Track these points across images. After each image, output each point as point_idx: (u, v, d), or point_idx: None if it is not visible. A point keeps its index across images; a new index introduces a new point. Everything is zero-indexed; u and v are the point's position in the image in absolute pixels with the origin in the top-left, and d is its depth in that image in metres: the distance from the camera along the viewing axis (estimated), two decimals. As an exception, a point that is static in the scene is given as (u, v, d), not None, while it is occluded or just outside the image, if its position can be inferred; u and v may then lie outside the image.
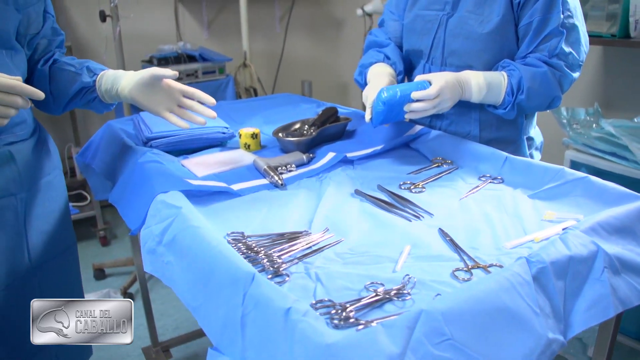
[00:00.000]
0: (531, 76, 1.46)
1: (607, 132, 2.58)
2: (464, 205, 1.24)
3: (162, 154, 1.47)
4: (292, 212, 1.20)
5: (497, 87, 1.47)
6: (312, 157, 1.52)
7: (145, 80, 1.34)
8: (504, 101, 1.49)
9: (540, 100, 1.50)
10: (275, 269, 0.95)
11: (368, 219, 1.17)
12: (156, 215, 1.12)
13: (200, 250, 0.96)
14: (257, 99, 2.23)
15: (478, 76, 1.46)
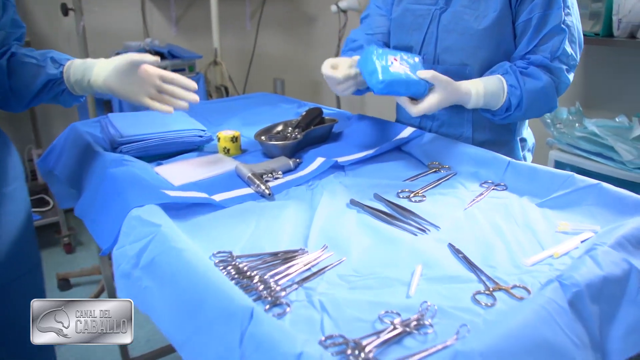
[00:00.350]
0: (532, 94, 1.37)
1: (590, 132, 2.52)
2: (470, 215, 1.14)
3: (134, 161, 1.32)
4: (284, 226, 1.07)
5: (495, 100, 1.38)
6: (299, 162, 1.40)
7: (122, 68, 1.23)
8: (498, 112, 1.40)
9: (537, 113, 1.45)
10: (273, 298, 0.82)
11: (369, 233, 1.06)
12: (130, 234, 0.98)
13: (186, 277, 0.83)
14: (233, 99, 2.10)
15: (478, 88, 1.36)
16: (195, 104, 1.92)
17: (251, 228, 1.07)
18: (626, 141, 2.41)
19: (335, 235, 1.04)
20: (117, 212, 1.05)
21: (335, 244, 1.01)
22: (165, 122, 1.56)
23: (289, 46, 4.15)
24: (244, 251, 0.98)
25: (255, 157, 1.48)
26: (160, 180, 1.26)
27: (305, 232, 1.05)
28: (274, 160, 1.38)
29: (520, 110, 1.37)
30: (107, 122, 1.53)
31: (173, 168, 1.37)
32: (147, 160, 1.43)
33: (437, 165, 1.40)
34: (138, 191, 1.09)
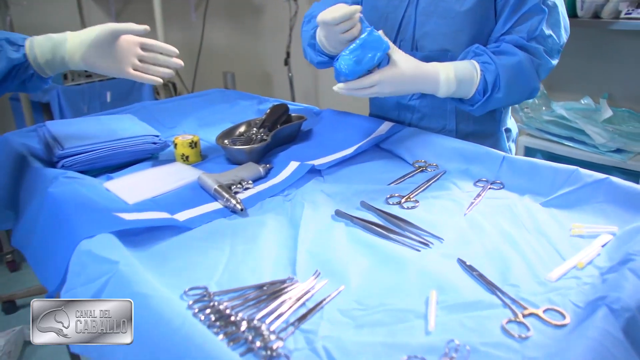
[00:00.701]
0: (508, 69, 1.23)
1: (558, 115, 2.45)
2: (473, 222, 1.00)
3: (78, 177, 1.14)
4: (265, 250, 0.91)
5: (468, 84, 1.24)
6: (270, 168, 1.24)
7: (101, 41, 1.13)
8: (474, 98, 1.26)
9: (519, 95, 1.30)
10: (267, 348, 0.66)
11: (365, 252, 0.91)
12: (81, 273, 0.80)
13: (157, 332, 0.66)
14: (186, 97, 1.91)
15: (448, 72, 1.22)
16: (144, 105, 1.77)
17: (226, 254, 0.90)
18: (597, 124, 2.34)
19: (326, 258, 0.88)
20: (63, 245, 0.87)
21: (329, 268, 0.85)
22: (112, 128, 1.37)
23: (237, 38, 3.95)
24: (222, 285, 0.82)
25: (218, 164, 1.31)
26: (112, 199, 1.08)
27: (291, 255, 0.89)
28: (241, 167, 1.21)
29: (500, 91, 1.23)
30: (45, 132, 1.33)
31: (125, 183, 1.19)
32: (93, 174, 1.24)
33: (423, 164, 1.26)
34: (86, 217, 0.91)
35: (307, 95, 3.86)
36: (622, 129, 2.33)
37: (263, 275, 0.84)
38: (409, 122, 1.47)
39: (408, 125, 1.45)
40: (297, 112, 1.54)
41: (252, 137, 1.37)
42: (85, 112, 2.83)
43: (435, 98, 1.37)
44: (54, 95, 2.80)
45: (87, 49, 1.12)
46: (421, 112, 1.44)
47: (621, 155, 2.21)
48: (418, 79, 1.18)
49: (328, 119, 1.51)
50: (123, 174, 1.25)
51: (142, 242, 0.92)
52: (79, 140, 1.25)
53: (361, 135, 1.37)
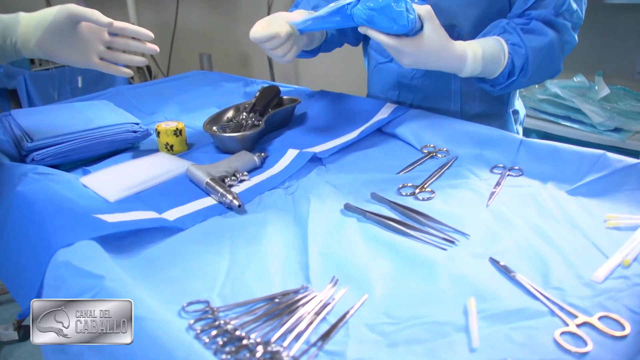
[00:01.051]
0: (538, 53, 1.13)
1: (553, 93, 2.36)
2: (498, 214, 0.90)
3: (51, 173, 1.00)
4: (271, 252, 0.80)
5: (494, 65, 1.13)
6: (265, 156, 1.12)
7: (59, 25, 0.96)
8: (496, 80, 1.16)
9: (542, 77, 1.20)
10: (288, 379, 0.55)
11: (384, 252, 0.80)
12: (60, 289, 0.68)
13: (156, 364, 0.54)
14: (165, 81, 1.77)
15: (475, 50, 1.10)
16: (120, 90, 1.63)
17: (226, 259, 0.79)
18: (593, 102, 2.26)
19: (342, 260, 0.77)
20: (36, 255, 0.75)
21: (347, 273, 0.75)
22: (87, 116, 1.24)
23: (213, 18, 3.78)
24: (225, 298, 0.70)
25: (207, 153, 1.19)
26: (90, 197, 0.95)
27: (302, 258, 0.78)
28: (233, 157, 1.09)
29: (526, 75, 1.14)
30: (11, 122, 1.19)
31: (104, 177, 1.06)
32: (68, 168, 1.11)
33: (432, 149, 1.16)
34: (62, 220, 0.79)
35: (287, 76, 3.72)
36: (619, 107, 2.26)
37: (272, 283, 0.72)
38: (410, 103, 1.36)
39: (409, 106, 1.34)
40: (288, 95, 1.42)
41: (242, 123, 1.24)
42: (56, 99, 2.67)
43: (439, 77, 1.27)
44: (21, 81, 2.64)
45: (43, 34, 0.96)
46: (424, 92, 1.33)
47: (619, 134, 2.14)
48: (442, 58, 1.06)
49: (323, 101, 1.39)
50: (101, 167, 1.12)
51: (128, 248, 0.80)
52: (50, 130, 1.12)
53: (361, 118, 1.26)
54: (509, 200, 0.95)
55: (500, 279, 0.74)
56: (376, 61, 1.40)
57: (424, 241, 0.82)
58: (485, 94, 1.31)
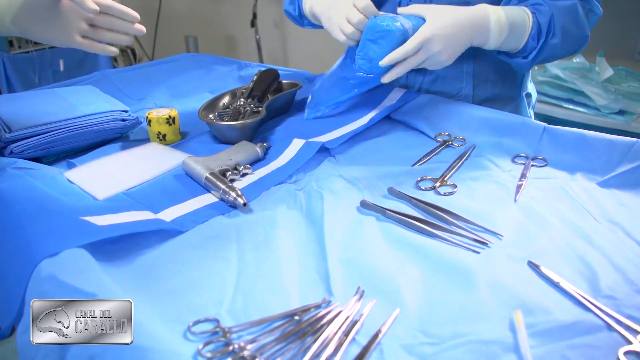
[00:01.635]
0: (563, 12, 1.05)
1: (553, 75, 2.28)
2: (528, 209, 0.82)
3: (32, 167, 0.91)
4: (284, 258, 0.71)
5: (520, 28, 1.04)
6: (268, 146, 1.03)
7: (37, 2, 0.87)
8: (526, 47, 1.07)
9: (572, 43, 1.10)
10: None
11: (412, 256, 0.71)
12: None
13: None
14: (153, 64, 1.66)
15: (498, 12, 1.02)
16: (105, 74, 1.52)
17: (234, 267, 0.70)
18: (596, 84, 2.19)
19: (366, 267, 0.69)
20: (17, 266, 0.65)
21: (372, 282, 0.66)
22: (71, 102, 1.13)
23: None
24: (236, 314, 0.61)
25: (203, 143, 1.09)
26: (77, 195, 0.85)
27: (320, 265, 0.69)
28: (234, 148, 1.00)
29: (554, 37, 1.05)
30: (-13, 110, 1.08)
31: (91, 171, 0.96)
32: (50, 160, 1.01)
33: (447, 137, 1.07)
34: (46, 225, 0.69)
35: (275, 59, 3.61)
36: (622, 89, 2.19)
37: (289, 296, 0.64)
38: (419, 87, 1.27)
39: (418, 90, 1.25)
40: (286, 79, 1.32)
41: (240, 110, 1.15)
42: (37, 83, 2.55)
43: None
44: (-1, 64, 2.51)
45: (19, 10, 0.87)
46: (434, 73, 1.24)
47: (624, 117, 2.07)
48: (466, 24, 0.99)
49: (325, 86, 1.30)
50: (87, 159, 1.02)
51: (121, 254, 0.71)
52: (31, 119, 1.01)
53: (368, 103, 1.17)
54: (537, 194, 0.87)
55: (545, 287, 0.66)
56: None
57: (453, 243, 0.73)
58: (498, 75, 1.22)
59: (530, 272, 0.68)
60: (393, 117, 1.16)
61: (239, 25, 3.58)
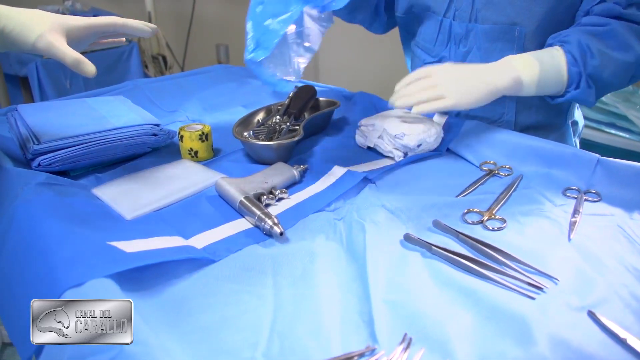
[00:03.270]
0: (597, 36, 0.99)
1: (594, 98, 2.21)
2: (583, 250, 0.76)
3: (59, 184, 0.87)
4: (324, 297, 0.66)
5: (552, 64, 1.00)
6: (305, 169, 0.98)
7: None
8: (572, 78, 1.00)
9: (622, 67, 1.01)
10: None
11: (462, 300, 0.66)
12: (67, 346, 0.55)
13: None
14: (185, 75, 1.63)
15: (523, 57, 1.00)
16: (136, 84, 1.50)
17: (270, 304, 0.65)
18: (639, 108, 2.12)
19: (413, 312, 0.63)
20: (39, 294, 0.61)
21: (419, 329, 0.61)
22: (101, 114, 1.10)
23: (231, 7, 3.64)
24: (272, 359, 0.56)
25: (236, 162, 1.05)
26: (104, 215, 0.82)
27: (363, 307, 0.64)
28: (269, 170, 0.95)
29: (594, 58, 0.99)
30: (17, 119, 1.06)
31: (120, 188, 0.92)
32: (78, 174, 0.98)
33: (493, 166, 1.02)
34: (71, 251, 0.65)
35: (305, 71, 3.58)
36: (668, 115, 2.11)
37: (329, 340, 0.59)
38: (458, 112, 1.21)
39: (457, 115, 1.20)
40: (322, 95, 1.28)
41: (276, 128, 1.11)
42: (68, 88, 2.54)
43: None
44: (32, 68, 2.51)
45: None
46: None
47: (669, 144, 1.99)
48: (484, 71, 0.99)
49: (363, 105, 1.26)
50: (116, 174, 0.98)
51: (149, 284, 0.67)
52: (60, 131, 0.98)
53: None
54: (593, 234, 0.81)
55: (610, 344, 0.60)
56: (422, 61, 1.26)
57: (507, 287, 0.68)
58: (543, 102, 1.16)
59: (591, 324, 0.63)
60: (436, 142, 1.11)
61: (270, 35, 3.56)
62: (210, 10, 3.51)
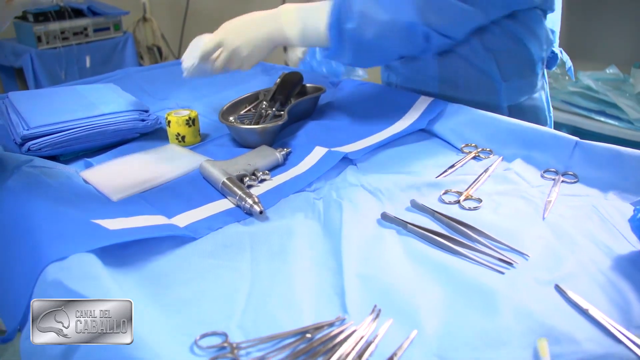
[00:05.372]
0: None
1: (585, 86, 2.23)
2: (556, 228, 0.78)
3: (47, 166, 0.89)
4: (299, 271, 0.68)
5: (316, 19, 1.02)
6: (288, 152, 1.00)
7: None
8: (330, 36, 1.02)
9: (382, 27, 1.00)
10: None
11: (433, 275, 0.68)
12: (49, 315, 0.57)
13: None
14: (177, 63, 1.63)
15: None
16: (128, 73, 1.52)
17: (246, 278, 0.67)
18: (630, 96, 2.13)
19: (384, 285, 0.65)
20: (24, 268, 0.64)
21: (389, 301, 0.63)
22: (90, 101, 1.12)
23: (226, -1, 3.66)
24: (246, 329, 0.59)
25: (222, 146, 1.08)
26: (91, 196, 0.84)
27: (336, 280, 0.67)
28: (253, 152, 0.97)
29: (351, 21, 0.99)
30: (8, 105, 1.08)
31: (108, 172, 0.94)
32: (68, 159, 1.00)
33: (474, 149, 1.04)
34: (56, 227, 0.67)
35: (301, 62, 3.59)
36: (657, 102, 2.13)
37: (301, 312, 0.61)
38: (395, 85, 1.27)
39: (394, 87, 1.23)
40: (310, 81, 1.30)
41: (262, 114, 1.13)
42: (63, 79, 2.56)
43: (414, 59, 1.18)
44: (27, 59, 2.53)
45: None
46: (404, 74, 1.23)
47: (659, 132, 2.01)
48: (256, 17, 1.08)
49: (349, 90, 1.28)
50: (105, 158, 1.01)
51: (131, 260, 0.69)
52: (50, 116, 1.00)
53: (394, 113, 1.13)
54: (567, 213, 0.83)
55: (572, 315, 0.62)
56: None
57: (477, 262, 0.70)
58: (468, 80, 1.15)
59: (557, 297, 0.65)
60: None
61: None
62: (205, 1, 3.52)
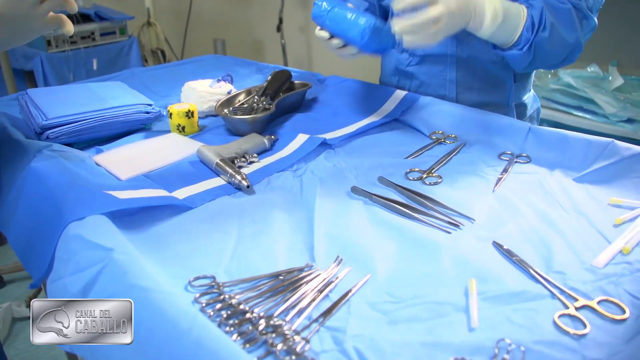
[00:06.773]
0: (554, 11, 1.08)
1: (566, 83, 2.35)
2: (504, 199, 0.91)
3: (64, 150, 1.02)
4: (277, 232, 0.81)
5: (515, 18, 1.07)
6: (275, 139, 1.13)
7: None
8: (521, 38, 1.08)
9: (561, 45, 1.11)
10: (291, 351, 0.57)
11: (389, 234, 0.81)
12: (70, 261, 0.70)
13: (160, 334, 0.56)
14: (178, 64, 1.79)
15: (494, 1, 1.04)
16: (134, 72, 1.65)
17: (233, 237, 0.80)
18: (606, 93, 2.25)
19: (347, 242, 0.78)
20: (48, 228, 0.77)
21: (351, 254, 0.76)
22: (101, 96, 1.25)
23: (227, 3, 3.79)
24: (231, 274, 0.72)
25: (218, 135, 1.21)
26: (102, 175, 0.97)
27: (307, 239, 0.80)
28: (244, 139, 1.10)
29: (545, 30, 1.06)
30: (27, 100, 1.21)
31: (117, 156, 1.08)
32: (81, 147, 1.13)
33: (440, 135, 1.16)
34: (74, 196, 0.81)
35: (300, 63, 3.72)
36: (632, 98, 2.24)
37: (277, 261, 0.74)
38: (408, 89, 1.36)
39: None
40: (299, 79, 1.43)
41: (254, 106, 1.26)
42: (71, 81, 2.70)
43: (434, 64, 1.28)
44: (37, 62, 2.67)
45: None
46: (419, 79, 1.33)
47: (632, 125, 2.12)
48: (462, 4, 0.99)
49: (334, 86, 1.40)
50: (114, 146, 1.14)
51: (137, 224, 0.82)
52: (65, 109, 1.14)
53: (371, 105, 1.27)
54: (515, 187, 0.95)
55: (503, 262, 0.75)
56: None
57: (428, 224, 0.83)
58: (483, 83, 1.28)
59: (493, 250, 0.77)
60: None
61: (265, 29, 3.71)
62: (207, 6, 3.66)
